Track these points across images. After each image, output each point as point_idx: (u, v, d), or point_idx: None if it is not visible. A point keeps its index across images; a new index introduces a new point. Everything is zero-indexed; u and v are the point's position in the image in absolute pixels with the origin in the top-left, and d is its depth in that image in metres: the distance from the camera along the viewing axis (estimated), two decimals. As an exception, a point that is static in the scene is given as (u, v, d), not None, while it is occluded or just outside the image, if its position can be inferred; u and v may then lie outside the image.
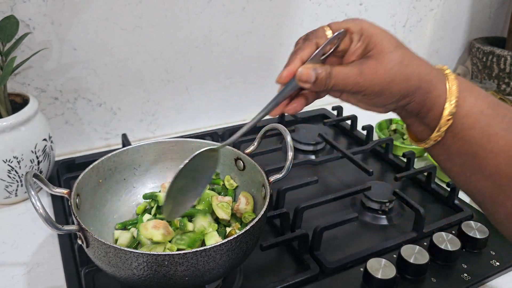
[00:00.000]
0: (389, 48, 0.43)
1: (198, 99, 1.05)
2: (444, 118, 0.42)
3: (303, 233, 0.67)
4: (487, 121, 0.41)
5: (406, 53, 0.43)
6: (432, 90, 0.43)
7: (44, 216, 0.48)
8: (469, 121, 0.41)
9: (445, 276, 0.65)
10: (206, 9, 0.95)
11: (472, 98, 0.42)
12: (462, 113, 0.42)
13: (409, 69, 0.42)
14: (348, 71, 0.42)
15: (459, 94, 0.42)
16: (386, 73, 0.42)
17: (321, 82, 0.42)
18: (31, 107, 0.75)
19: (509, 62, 1.26)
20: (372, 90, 0.42)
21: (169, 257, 0.48)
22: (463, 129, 0.42)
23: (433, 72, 0.44)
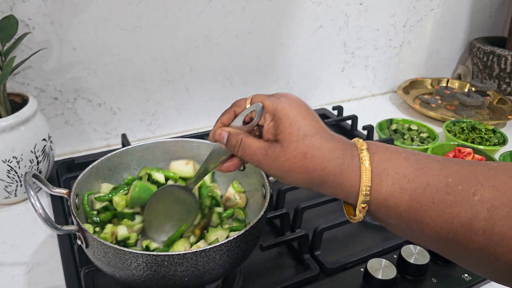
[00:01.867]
0: (297, 136, 0.43)
1: (198, 99, 1.05)
2: (359, 205, 0.42)
3: (303, 233, 0.67)
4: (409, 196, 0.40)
5: (313, 146, 0.42)
6: (343, 182, 0.42)
7: (43, 216, 0.48)
8: (390, 202, 0.41)
9: (445, 276, 0.65)
10: (206, 9, 0.95)
11: (389, 178, 0.41)
12: (380, 197, 0.41)
13: (312, 162, 0.42)
14: (256, 148, 0.45)
15: (373, 179, 0.41)
16: (286, 162, 0.43)
17: (231, 146, 0.46)
18: (30, 107, 0.75)
19: (510, 62, 1.26)
20: (273, 173, 0.44)
21: (168, 257, 0.48)
22: (388, 209, 0.41)
23: (345, 162, 0.42)
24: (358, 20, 1.16)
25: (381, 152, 0.43)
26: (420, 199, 0.40)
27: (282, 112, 0.44)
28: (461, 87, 1.35)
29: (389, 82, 1.33)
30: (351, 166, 0.42)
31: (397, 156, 0.42)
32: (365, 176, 0.41)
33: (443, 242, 0.39)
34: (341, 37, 1.16)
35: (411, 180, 0.40)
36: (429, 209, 0.39)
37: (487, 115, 1.23)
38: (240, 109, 0.48)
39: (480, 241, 0.37)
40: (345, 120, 1.07)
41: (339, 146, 0.43)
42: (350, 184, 0.42)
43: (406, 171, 0.41)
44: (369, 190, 0.41)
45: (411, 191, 0.40)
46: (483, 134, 1.02)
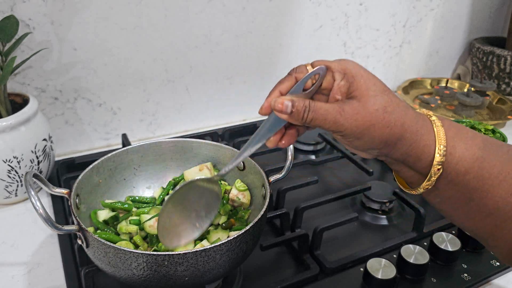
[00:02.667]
0: (374, 91, 0.42)
1: (198, 99, 1.05)
2: (434, 167, 0.41)
3: (303, 233, 0.67)
4: (480, 164, 0.40)
5: (391, 100, 0.42)
6: (419, 140, 0.42)
7: (44, 216, 0.48)
8: (461, 167, 0.41)
9: (445, 276, 0.65)
10: (206, 9, 0.95)
11: (462, 143, 0.41)
12: (453, 160, 0.41)
13: (392, 116, 0.41)
14: (328, 107, 0.42)
15: (448, 142, 0.41)
16: (368, 116, 0.41)
17: (298, 114, 0.42)
18: (31, 107, 0.75)
19: (509, 62, 1.26)
20: (351, 131, 0.41)
21: (169, 257, 0.48)
22: (457, 175, 0.41)
23: (419, 121, 0.42)
24: (358, 20, 1.16)
25: (450, 121, 0.43)
26: (488, 168, 0.40)
27: (354, 70, 0.43)
28: (460, 87, 1.36)
29: (389, 82, 1.34)
30: (425, 126, 0.42)
31: (465, 128, 0.43)
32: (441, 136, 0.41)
33: (494, 220, 0.39)
34: (341, 37, 1.16)
35: (481, 148, 0.41)
36: (495, 179, 0.39)
37: (487, 115, 1.23)
38: (302, 74, 0.45)
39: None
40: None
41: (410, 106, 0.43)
42: (425, 144, 0.41)
43: (476, 140, 0.41)
44: (444, 151, 0.40)
45: (482, 159, 0.40)
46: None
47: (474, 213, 0.41)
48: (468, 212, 0.42)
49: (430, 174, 0.41)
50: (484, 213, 0.41)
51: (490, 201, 0.40)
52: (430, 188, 0.43)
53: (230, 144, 0.91)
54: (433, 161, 0.41)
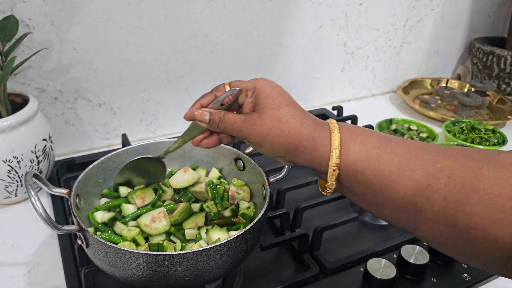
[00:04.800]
0: (272, 106, 0.48)
1: (198, 99, 1.05)
2: (330, 168, 0.45)
3: (303, 233, 0.67)
4: (376, 161, 0.44)
5: (287, 113, 0.48)
6: (317, 148, 0.46)
7: (43, 216, 0.48)
8: (358, 166, 0.44)
9: (445, 276, 0.65)
10: (206, 9, 0.95)
11: (356, 145, 0.45)
12: (349, 161, 0.45)
13: (285, 126, 0.47)
14: (236, 118, 0.50)
15: (342, 145, 0.45)
16: (263, 126, 0.48)
17: (214, 123, 0.51)
18: (31, 107, 0.75)
19: (509, 62, 1.26)
20: (252, 138, 0.49)
21: (169, 257, 0.48)
22: (356, 174, 0.45)
23: (317, 130, 0.47)
24: (358, 20, 1.16)
25: (349, 126, 0.48)
26: (386, 164, 0.43)
27: (261, 88, 0.50)
28: (460, 87, 1.36)
29: (389, 82, 1.34)
30: (322, 134, 0.47)
31: (364, 130, 0.47)
32: (335, 141, 0.46)
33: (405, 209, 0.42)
34: (341, 37, 1.16)
35: (377, 147, 0.44)
36: (393, 174, 0.42)
37: (487, 115, 1.23)
38: (220, 92, 0.53)
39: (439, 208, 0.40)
40: (345, 120, 1.07)
41: (310, 117, 0.49)
42: (322, 151, 0.46)
43: (373, 140, 0.45)
44: (338, 153, 0.45)
45: (378, 156, 0.44)
46: (482, 134, 1.02)
47: (384, 206, 0.44)
48: (379, 206, 0.45)
49: (328, 175, 0.46)
50: (392, 205, 0.43)
51: (393, 194, 0.43)
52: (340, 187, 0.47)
53: (229, 144, 0.90)
54: (329, 163, 0.45)
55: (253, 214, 0.64)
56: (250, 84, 0.52)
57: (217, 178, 0.70)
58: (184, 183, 0.67)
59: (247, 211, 0.64)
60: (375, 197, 0.44)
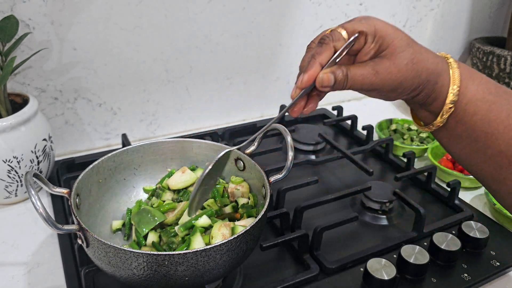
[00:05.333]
0: (401, 47, 0.44)
1: (198, 99, 1.05)
2: (446, 106, 0.44)
3: (303, 233, 0.67)
4: (488, 107, 0.43)
5: (415, 50, 0.45)
6: (438, 80, 0.45)
7: (44, 216, 0.48)
8: (471, 107, 0.43)
9: (445, 276, 0.65)
10: (206, 9, 0.95)
11: (474, 85, 0.44)
12: (464, 100, 0.44)
13: (419, 66, 0.44)
14: (364, 71, 0.44)
15: (461, 82, 0.44)
16: (399, 73, 0.44)
17: (339, 84, 0.45)
18: (31, 107, 0.75)
19: (509, 62, 1.26)
20: (386, 88, 0.45)
21: (169, 257, 0.48)
22: (466, 115, 0.44)
23: (439, 63, 0.46)
24: (358, 20, 1.16)
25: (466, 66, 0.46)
26: (496, 113, 0.42)
27: (383, 31, 0.45)
28: (460, 87, 1.35)
29: (389, 82, 1.33)
30: (443, 68, 0.45)
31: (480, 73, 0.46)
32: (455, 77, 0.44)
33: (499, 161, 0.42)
34: (341, 37, 1.16)
35: (492, 93, 0.44)
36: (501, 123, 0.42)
37: (487, 115, 1.23)
38: (340, 43, 0.46)
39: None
40: (345, 120, 1.07)
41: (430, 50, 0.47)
42: (442, 83, 0.45)
43: (488, 85, 0.44)
44: (457, 91, 0.44)
45: (491, 102, 0.43)
46: (482, 134, 1.02)
47: (479, 154, 0.44)
48: (473, 153, 0.44)
49: (442, 112, 0.44)
50: (487, 155, 0.43)
51: (494, 144, 0.42)
52: (441, 128, 0.46)
53: (230, 144, 0.91)
54: (446, 100, 0.44)
55: (254, 204, 0.65)
56: (368, 27, 0.45)
57: None
58: (183, 184, 0.67)
59: (247, 202, 0.65)
60: (474, 143, 0.44)
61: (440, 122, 0.45)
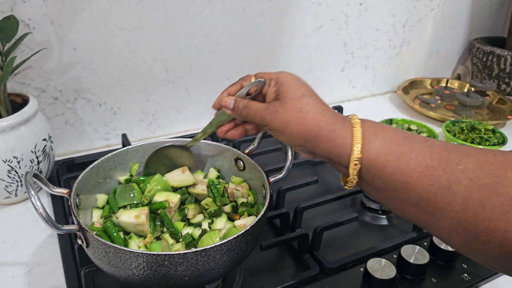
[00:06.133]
0: (294, 95, 0.50)
1: (198, 99, 1.05)
2: (352, 163, 0.46)
3: (303, 233, 0.67)
4: (397, 158, 0.44)
5: (308, 103, 0.49)
6: (335, 139, 0.47)
7: (44, 216, 0.48)
8: (378, 162, 0.45)
9: (445, 276, 0.65)
10: (206, 9, 0.95)
11: (378, 140, 0.46)
12: (370, 156, 0.45)
13: (306, 115, 0.48)
14: (259, 106, 0.52)
15: (364, 139, 0.46)
16: (285, 114, 0.49)
17: (237, 110, 0.54)
18: (31, 107, 0.75)
19: (509, 62, 1.26)
20: (273, 126, 0.50)
21: (169, 257, 0.48)
22: (377, 170, 0.45)
23: (338, 122, 0.48)
24: (358, 20, 1.16)
25: (371, 122, 0.49)
26: (406, 162, 0.43)
27: (284, 79, 0.52)
28: (460, 87, 1.36)
29: (389, 82, 1.34)
30: (343, 127, 0.48)
31: (386, 127, 0.48)
32: (357, 135, 0.46)
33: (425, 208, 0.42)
34: (341, 37, 1.16)
35: (399, 144, 0.45)
36: (413, 171, 0.43)
37: (487, 115, 1.23)
38: (246, 82, 0.56)
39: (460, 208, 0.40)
40: (345, 120, 1.07)
41: (331, 110, 0.50)
42: (342, 142, 0.47)
43: (394, 137, 0.46)
44: (360, 148, 0.46)
45: (399, 153, 0.44)
46: (482, 134, 1.02)
47: (403, 203, 0.45)
48: (398, 202, 0.45)
49: (349, 169, 0.46)
50: (412, 203, 0.44)
51: (413, 192, 0.43)
52: (360, 182, 0.48)
53: (230, 144, 0.90)
54: (351, 157, 0.46)
55: (253, 202, 0.65)
56: (274, 75, 0.54)
57: (215, 177, 0.70)
58: (179, 182, 0.67)
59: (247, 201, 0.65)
60: (395, 193, 0.44)
61: (353, 179, 0.47)
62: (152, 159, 0.68)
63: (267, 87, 0.54)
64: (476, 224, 0.39)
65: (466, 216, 0.39)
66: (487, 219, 0.38)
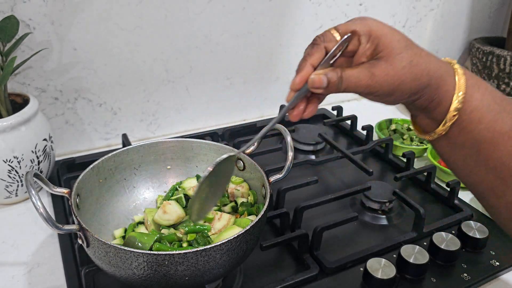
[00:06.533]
0: (398, 49, 0.43)
1: (198, 99, 1.05)
2: (450, 113, 0.43)
3: (303, 233, 0.67)
4: (493, 116, 0.42)
5: (415, 52, 0.43)
6: (441, 85, 0.43)
7: (44, 216, 0.48)
8: (475, 116, 0.42)
9: (445, 276, 0.66)
10: (206, 9, 0.95)
11: (479, 93, 0.43)
12: (469, 108, 0.42)
13: (418, 68, 0.43)
14: (359, 74, 0.43)
15: (466, 89, 0.43)
16: (397, 75, 0.42)
17: (332, 87, 0.43)
18: (31, 107, 0.75)
19: (509, 62, 1.26)
20: (383, 91, 0.43)
21: (169, 256, 0.48)
22: (470, 124, 0.42)
23: (442, 67, 0.44)
24: (358, 20, 1.16)
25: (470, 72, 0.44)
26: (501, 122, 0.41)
27: (379, 31, 0.44)
28: (460, 87, 1.35)
29: (389, 82, 1.33)
30: (447, 72, 0.43)
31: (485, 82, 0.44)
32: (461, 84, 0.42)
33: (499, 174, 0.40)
34: (341, 37, 1.16)
35: (498, 103, 0.42)
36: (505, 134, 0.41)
37: (487, 115, 1.23)
38: (331, 44, 0.45)
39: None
40: (345, 120, 1.07)
41: (431, 53, 0.45)
42: (446, 89, 0.43)
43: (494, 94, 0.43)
44: (462, 98, 0.42)
45: (496, 112, 0.42)
46: (482, 134, 1.02)
47: (480, 165, 0.42)
48: (474, 164, 0.43)
49: (445, 119, 0.43)
50: (489, 166, 0.42)
51: (497, 155, 0.41)
52: (442, 136, 0.44)
53: (230, 144, 0.91)
54: (451, 107, 0.42)
55: (253, 202, 0.65)
56: (361, 27, 0.44)
57: None
58: (167, 222, 0.63)
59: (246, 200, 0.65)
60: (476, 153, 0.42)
61: (443, 130, 0.43)
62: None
63: (357, 44, 0.45)
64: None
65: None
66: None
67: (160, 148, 0.70)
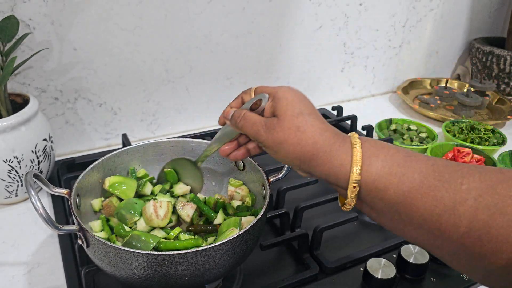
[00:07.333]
0: (291, 113, 0.48)
1: (198, 99, 1.05)
2: (350, 185, 0.44)
3: (303, 233, 0.67)
4: (399, 179, 0.42)
5: (306, 122, 0.47)
6: (333, 160, 0.45)
7: (44, 216, 0.48)
8: (380, 184, 0.43)
9: (444, 276, 0.66)
10: (206, 9, 0.95)
11: (379, 161, 0.44)
12: (370, 178, 0.43)
13: (304, 135, 0.46)
14: (257, 119, 0.50)
15: (364, 161, 0.44)
16: (281, 132, 0.47)
17: (234, 120, 0.52)
18: (31, 107, 0.75)
19: (509, 62, 1.26)
20: (269, 143, 0.48)
21: (169, 256, 0.48)
22: (378, 192, 0.43)
23: (336, 142, 0.46)
24: (358, 20, 1.16)
25: (372, 141, 0.46)
26: (408, 183, 0.42)
27: (282, 95, 0.49)
28: (460, 87, 1.36)
29: (389, 82, 1.34)
30: (342, 147, 0.46)
31: (388, 146, 0.46)
32: (356, 156, 0.44)
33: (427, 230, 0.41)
34: (340, 37, 1.16)
35: (401, 165, 0.43)
36: (416, 192, 0.41)
37: (486, 115, 1.23)
38: (247, 96, 0.54)
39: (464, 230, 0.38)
40: (345, 120, 1.07)
41: (331, 129, 0.48)
42: (340, 163, 0.45)
43: (396, 157, 0.44)
44: (359, 170, 0.44)
45: (401, 174, 0.42)
46: (482, 134, 1.02)
47: (407, 224, 0.43)
48: (402, 224, 0.43)
49: (348, 191, 0.45)
50: (415, 225, 0.42)
51: (416, 214, 0.41)
52: (360, 204, 0.46)
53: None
54: (349, 180, 0.44)
55: (250, 205, 0.65)
56: (272, 89, 0.51)
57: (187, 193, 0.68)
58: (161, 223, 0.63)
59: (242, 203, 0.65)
60: (396, 216, 0.43)
61: (351, 201, 0.45)
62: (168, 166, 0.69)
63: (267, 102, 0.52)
64: (481, 245, 0.37)
65: (472, 238, 0.38)
66: (493, 240, 0.36)
67: (160, 148, 0.70)
